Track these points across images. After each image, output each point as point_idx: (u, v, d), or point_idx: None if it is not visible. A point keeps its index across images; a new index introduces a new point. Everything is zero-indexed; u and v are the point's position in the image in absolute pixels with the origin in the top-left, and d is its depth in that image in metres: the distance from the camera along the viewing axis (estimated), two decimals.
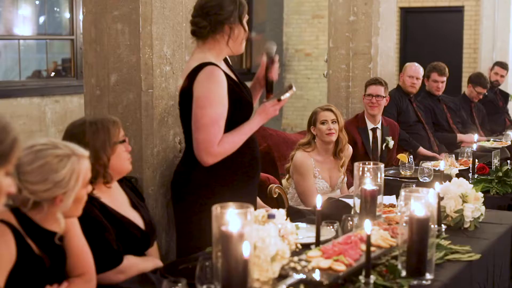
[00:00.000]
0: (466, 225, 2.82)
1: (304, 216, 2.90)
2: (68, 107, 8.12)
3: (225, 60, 3.02)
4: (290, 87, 2.89)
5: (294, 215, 2.92)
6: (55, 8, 9.68)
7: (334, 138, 3.97)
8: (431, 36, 10.22)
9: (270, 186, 3.85)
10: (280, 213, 2.43)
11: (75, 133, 2.40)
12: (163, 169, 3.40)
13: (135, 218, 2.54)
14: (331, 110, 4.01)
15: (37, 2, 9.38)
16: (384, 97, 4.76)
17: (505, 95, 7.25)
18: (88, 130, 2.39)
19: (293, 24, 11.15)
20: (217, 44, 2.82)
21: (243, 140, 2.85)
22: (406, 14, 10.49)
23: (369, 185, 2.67)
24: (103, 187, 2.46)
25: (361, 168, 2.69)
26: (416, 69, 5.41)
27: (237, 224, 1.94)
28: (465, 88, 6.75)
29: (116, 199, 2.52)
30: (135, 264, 2.42)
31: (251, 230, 1.99)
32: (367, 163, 2.70)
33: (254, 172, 2.94)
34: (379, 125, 4.85)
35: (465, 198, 2.85)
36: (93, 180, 2.28)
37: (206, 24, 2.79)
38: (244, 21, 2.86)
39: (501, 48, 9.27)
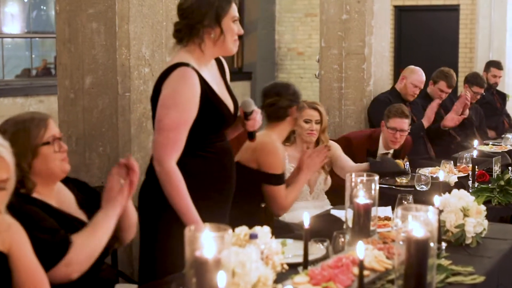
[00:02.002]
0: (468, 241, 2.60)
1: (292, 231, 2.68)
2: (53, 108, 7.80)
3: (220, 66, 2.76)
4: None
5: (281, 229, 2.70)
6: (42, 6, 9.47)
7: (314, 139, 3.73)
8: (426, 35, 10.02)
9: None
10: (264, 231, 2.21)
11: (1, 130, 2.17)
12: (142, 179, 3.16)
13: (84, 218, 2.31)
14: (317, 110, 3.73)
15: (25, 0, 9.17)
16: (408, 131, 4.36)
17: (502, 96, 7.06)
18: (9, 130, 2.15)
19: (286, 23, 10.94)
20: (197, 48, 2.57)
21: (178, 203, 2.50)
22: (400, 12, 10.28)
23: (362, 198, 2.45)
24: (44, 190, 2.22)
25: (353, 180, 2.47)
26: (422, 78, 5.16)
27: (212, 249, 1.72)
28: (461, 89, 6.55)
29: (61, 199, 2.29)
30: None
31: (229, 254, 1.77)
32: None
33: (223, 186, 2.69)
34: (391, 150, 4.44)
35: (466, 212, 2.63)
36: (18, 186, 2.06)
37: (181, 27, 2.55)
38: (226, 21, 2.56)
39: (497, 48, 9.08)
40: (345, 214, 2.54)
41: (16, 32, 8.71)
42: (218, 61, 2.75)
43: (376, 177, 2.50)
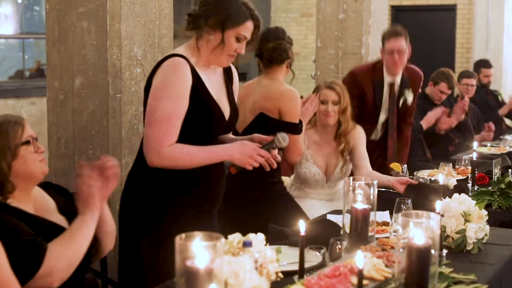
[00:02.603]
0: (469, 247, 2.52)
1: (287, 237, 2.58)
2: (45, 110, 7.73)
3: (229, 75, 2.67)
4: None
5: (276, 235, 2.61)
6: (35, 7, 9.38)
7: (331, 121, 3.54)
8: (423, 35, 9.93)
9: None
10: (258, 238, 2.12)
11: None
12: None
13: (62, 223, 2.22)
14: (334, 89, 3.54)
15: (19, 1, 9.07)
16: (406, 51, 4.12)
17: (495, 93, 7.01)
18: None
19: (281, 23, 10.85)
20: (195, 44, 2.49)
21: (201, 159, 2.44)
22: (397, 12, 10.22)
23: (360, 203, 2.37)
24: (21, 195, 2.13)
25: (351, 184, 2.39)
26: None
27: (204, 259, 1.63)
28: (458, 90, 6.50)
29: (40, 205, 2.20)
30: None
31: (222, 264, 1.69)
32: (356, 179, 2.40)
33: (206, 196, 2.57)
34: (398, 78, 4.24)
35: (467, 217, 2.55)
36: None
37: (192, 12, 2.47)
38: (229, 33, 2.45)
39: (495, 48, 9.03)
40: (342, 220, 2.46)
41: (9, 33, 8.60)
42: (228, 70, 2.67)
43: (375, 182, 2.43)
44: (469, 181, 3.63)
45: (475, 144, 3.79)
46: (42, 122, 7.97)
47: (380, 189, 3.55)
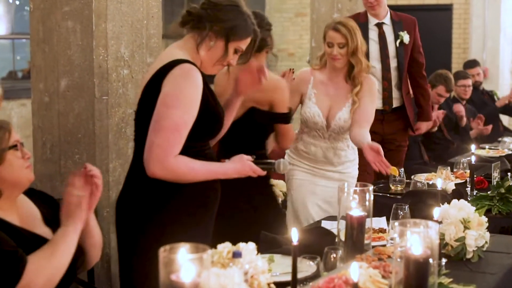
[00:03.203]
0: (469, 256, 2.42)
1: (280, 245, 2.48)
2: None
3: None
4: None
5: (268, 243, 2.50)
6: (27, 7, 9.28)
7: (338, 64, 3.31)
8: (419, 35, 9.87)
9: None
10: (249, 248, 2.02)
11: None
12: (120, 187, 2.97)
13: (48, 235, 2.11)
14: (339, 31, 3.28)
15: (10, 1, 8.96)
16: None
17: (491, 93, 6.93)
18: None
19: (276, 23, 10.74)
20: (194, 47, 2.38)
21: (203, 176, 2.36)
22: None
23: (356, 210, 2.27)
24: (5, 204, 2.03)
25: (346, 190, 2.29)
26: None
27: (190, 272, 1.53)
28: (455, 92, 6.42)
29: (24, 215, 2.09)
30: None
31: (209, 277, 1.59)
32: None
33: (209, 200, 2.48)
34: (386, 20, 4.24)
35: (467, 224, 2.45)
36: None
37: (194, 12, 2.36)
38: (232, 44, 2.38)
39: (491, 48, 8.94)
40: (337, 227, 2.36)
41: (0, 33, 8.49)
42: None
43: (371, 187, 2.33)
44: (467, 185, 3.54)
45: (473, 147, 3.69)
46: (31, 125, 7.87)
47: (377, 193, 3.47)
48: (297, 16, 10.42)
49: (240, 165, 2.43)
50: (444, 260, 2.30)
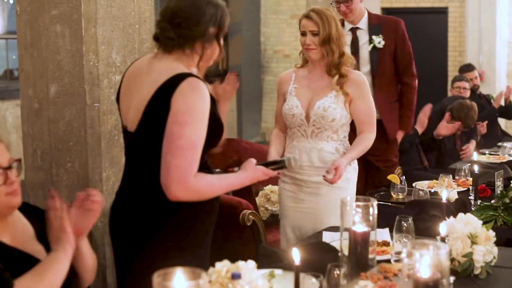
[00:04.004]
0: (477, 272, 2.32)
1: (280, 260, 2.37)
2: None
3: None
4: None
5: (268, 258, 2.40)
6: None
7: (313, 55, 3.04)
8: (414, 38, 9.73)
9: (243, 212, 3.29)
10: (249, 266, 1.91)
11: None
12: (114, 197, 2.86)
13: (40, 253, 1.99)
14: (311, 19, 3.04)
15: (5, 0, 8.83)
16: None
17: (488, 97, 6.85)
18: None
19: (271, 24, 10.67)
20: (185, 58, 2.25)
21: (222, 191, 2.33)
22: (388, 15, 10.04)
23: (359, 225, 2.17)
24: None
25: (348, 205, 2.19)
26: None
27: None
28: (451, 94, 6.35)
29: (16, 232, 1.97)
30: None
31: None
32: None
33: (213, 217, 2.40)
34: (361, 24, 4.16)
35: (474, 239, 2.35)
36: None
37: (174, 36, 2.21)
38: (221, 37, 2.29)
39: (487, 51, 8.88)
40: (340, 244, 2.26)
41: None
42: None
43: (375, 203, 2.22)
44: (470, 194, 3.44)
45: (475, 155, 3.59)
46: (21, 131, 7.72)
47: (378, 202, 3.34)
48: (292, 17, 10.32)
49: (252, 172, 2.38)
50: (452, 279, 2.20)
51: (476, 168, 3.34)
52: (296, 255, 1.84)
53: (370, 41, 4.13)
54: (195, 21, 2.20)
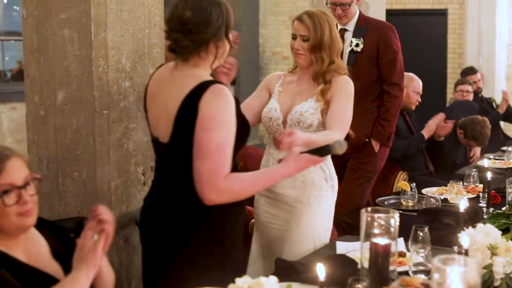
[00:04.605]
0: (496, 283, 2.28)
1: (298, 273, 2.32)
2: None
3: None
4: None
5: (285, 270, 2.34)
6: (14, 7, 9.06)
7: (301, 61, 2.87)
8: (413, 40, 9.75)
9: (252, 221, 3.24)
10: (270, 282, 1.86)
11: None
12: (123, 207, 2.81)
13: (57, 272, 1.94)
14: (303, 22, 2.86)
15: None
16: (350, 4, 3.97)
17: (490, 100, 6.83)
18: None
19: (270, 26, 10.62)
20: (201, 61, 2.29)
21: (261, 187, 2.41)
22: (388, 16, 9.98)
23: (380, 238, 2.12)
24: (10, 238, 1.83)
25: (369, 217, 2.14)
26: (420, 83, 4.85)
27: None
28: (451, 96, 6.32)
29: (31, 249, 1.92)
30: None
31: None
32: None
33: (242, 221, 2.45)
34: (348, 26, 4.09)
35: (494, 250, 2.31)
36: None
37: (189, 43, 2.24)
38: (230, 34, 2.33)
39: (487, 53, 8.86)
40: (360, 257, 2.21)
41: None
42: None
43: (397, 214, 2.17)
44: (480, 201, 3.40)
45: (485, 161, 3.55)
46: (23, 128, 7.64)
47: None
48: (291, 19, 10.27)
49: (295, 161, 2.35)
50: None
51: (489, 175, 3.29)
52: (320, 271, 1.79)
53: (350, 43, 4.05)
54: (205, 24, 2.23)
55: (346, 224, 3.87)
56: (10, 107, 7.43)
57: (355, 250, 2.59)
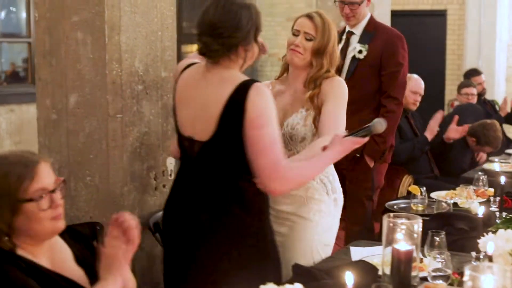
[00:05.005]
0: None
1: (316, 279, 2.29)
2: (25, 117, 7.40)
3: None
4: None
5: (303, 277, 2.31)
6: (11, 8, 8.99)
7: (297, 60, 2.66)
8: (412, 41, 9.73)
9: None
10: None
11: None
12: (136, 213, 2.77)
13: (81, 278, 1.91)
14: (312, 20, 2.68)
15: None
16: (359, 3, 3.78)
17: (492, 103, 6.83)
18: None
19: (266, 27, 10.49)
20: (232, 64, 2.34)
21: (317, 171, 2.49)
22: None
23: (403, 243, 2.10)
24: (34, 243, 1.81)
25: (391, 222, 2.12)
26: (419, 83, 4.82)
27: None
28: (450, 97, 6.31)
29: (55, 255, 1.89)
30: None
31: None
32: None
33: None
34: (356, 30, 3.87)
35: None
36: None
37: (218, 47, 2.28)
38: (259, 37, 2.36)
39: (487, 55, 8.83)
40: (382, 263, 2.19)
41: None
42: None
43: (420, 220, 2.16)
44: (491, 205, 3.38)
45: (496, 165, 3.53)
46: (21, 130, 7.60)
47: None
48: (288, 20, 10.24)
49: (341, 145, 2.41)
50: None
51: (503, 179, 3.28)
52: (349, 279, 1.77)
53: (354, 48, 3.84)
54: (235, 28, 2.26)
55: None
56: (8, 109, 7.37)
57: (371, 255, 2.58)
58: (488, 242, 2.17)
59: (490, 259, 2.17)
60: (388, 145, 3.83)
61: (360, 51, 3.80)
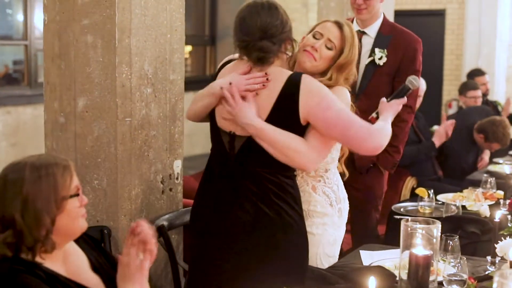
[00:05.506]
0: None
1: (330, 283, 2.28)
2: (21, 119, 7.37)
3: None
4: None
5: (316, 281, 2.30)
6: (7, 10, 8.93)
7: (309, 65, 2.50)
8: None
9: None
10: None
11: (12, 179, 1.72)
12: (143, 216, 2.75)
13: (97, 285, 1.89)
14: (341, 28, 2.51)
15: None
16: None
17: (495, 104, 6.81)
18: (28, 178, 1.71)
19: None
20: (276, 59, 2.46)
21: (389, 134, 2.54)
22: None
23: (421, 248, 2.08)
24: (54, 252, 1.79)
25: (409, 226, 2.10)
26: (423, 86, 4.79)
27: None
28: (447, 98, 6.28)
29: (70, 262, 1.87)
30: None
31: None
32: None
33: None
34: (369, 30, 3.51)
35: None
36: (30, 248, 1.72)
37: (273, 47, 2.40)
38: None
39: (487, 55, 8.80)
40: (399, 267, 2.17)
41: None
42: None
43: (439, 224, 2.14)
44: (501, 208, 3.37)
45: (507, 168, 3.51)
46: (18, 132, 7.56)
47: (402, 217, 3.13)
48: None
49: (390, 108, 2.63)
50: None
51: None
52: (372, 284, 1.75)
53: (371, 53, 3.47)
54: (283, 24, 2.40)
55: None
56: (5, 111, 7.34)
57: (382, 259, 2.57)
58: (508, 248, 2.15)
59: (511, 264, 2.15)
60: (401, 155, 3.62)
61: (380, 57, 3.46)
